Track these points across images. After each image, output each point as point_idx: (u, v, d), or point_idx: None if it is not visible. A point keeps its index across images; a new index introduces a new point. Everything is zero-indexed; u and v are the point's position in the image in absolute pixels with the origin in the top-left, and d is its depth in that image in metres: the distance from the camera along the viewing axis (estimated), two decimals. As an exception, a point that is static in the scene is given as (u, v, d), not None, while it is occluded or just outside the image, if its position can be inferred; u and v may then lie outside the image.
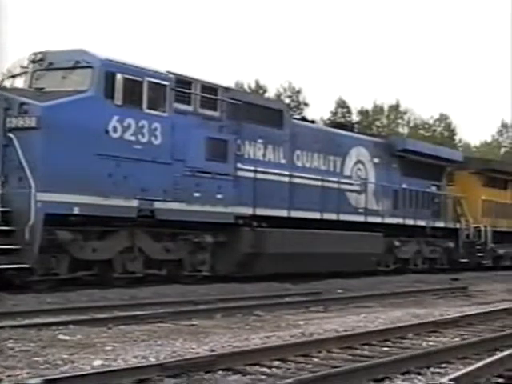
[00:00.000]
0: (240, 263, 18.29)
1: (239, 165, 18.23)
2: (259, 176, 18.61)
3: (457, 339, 9.69)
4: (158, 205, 16.00)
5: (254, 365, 7.43)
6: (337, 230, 21.03)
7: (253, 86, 65.95)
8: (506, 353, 7.59)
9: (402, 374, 7.10)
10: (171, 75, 16.73)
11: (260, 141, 19.20)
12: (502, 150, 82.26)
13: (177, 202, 16.41)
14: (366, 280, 20.76)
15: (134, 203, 15.57)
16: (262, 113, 19.45)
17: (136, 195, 15.56)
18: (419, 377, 7.06)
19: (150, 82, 16.04)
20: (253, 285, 17.29)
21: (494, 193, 30.73)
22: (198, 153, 17.00)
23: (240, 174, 18.21)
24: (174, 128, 16.38)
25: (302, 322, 11.38)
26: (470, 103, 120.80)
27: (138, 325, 10.50)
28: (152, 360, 7.45)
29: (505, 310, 13.18)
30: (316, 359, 7.94)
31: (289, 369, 7.37)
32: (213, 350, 8.15)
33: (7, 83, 16.34)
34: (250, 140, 18.89)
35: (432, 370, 7.40)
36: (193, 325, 10.82)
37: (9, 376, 6.56)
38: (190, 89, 17.31)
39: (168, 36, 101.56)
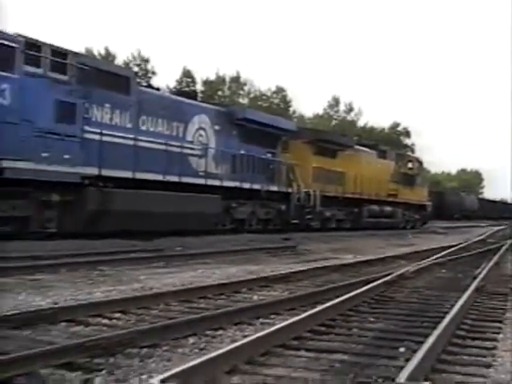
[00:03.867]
0: (87, 221, 17.99)
1: (86, 127, 17.84)
2: (105, 139, 18.31)
3: (285, 293, 9.93)
4: (6, 163, 15.43)
5: (97, 316, 7.36)
6: (179, 191, 21.06)
7: (103, 52, 64.67)
8: (327, 304, 7.83)
9: (235, 324, 7.20)
10: (21, 38, 16.15)
11: (107, 105, 18.88)
12: (333, 122, 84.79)
13: (25, 161, 15.88)
14: (204, 239, 20.89)
15: (-17, 162, 14.96)
16: (110, 79, 19.06)
17: (-16, 154, 14.96)
18: (250, 327, 7.19)
19: (-2, 43, 15.39)
20: (101, 241, 17.05)
21: (323, 161, 31.56)
22: (46, 114, 16.46)
23: (87, 136, 17.83)
24: (23, 90, 15.78)
25: (143, 277, 11.35)
26: (305, 78, 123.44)
27: (-19, 280, 10.16)
28: (-6, 313, 7.23)
29: (328, 267, 13.66)
30: (155, 311, 7.94)
31: (129, 320, 7.34)
32: (56, 303, 8.01)
33: None
34: (97, 104, 18.55)
35: (261, 320, 7.56)
36: (37, 279, 10.58)
37: None
38: (39, 52, 16.78)
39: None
